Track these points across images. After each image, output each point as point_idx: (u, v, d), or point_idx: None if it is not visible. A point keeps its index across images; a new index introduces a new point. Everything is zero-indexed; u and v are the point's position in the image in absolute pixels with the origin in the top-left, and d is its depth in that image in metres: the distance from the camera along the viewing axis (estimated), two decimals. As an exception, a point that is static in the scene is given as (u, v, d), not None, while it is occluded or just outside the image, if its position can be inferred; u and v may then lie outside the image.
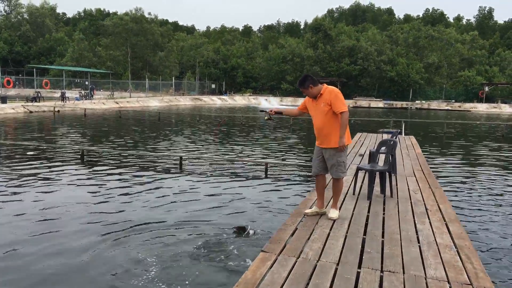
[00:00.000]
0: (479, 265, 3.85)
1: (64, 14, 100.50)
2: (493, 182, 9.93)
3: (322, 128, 4.95)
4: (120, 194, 7.81)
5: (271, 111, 5.32)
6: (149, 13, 70.43)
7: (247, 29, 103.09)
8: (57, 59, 72.93)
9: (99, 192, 7.97)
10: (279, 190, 8.51)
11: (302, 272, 3.57)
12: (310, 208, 5.32)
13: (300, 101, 57.24)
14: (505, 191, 8.98)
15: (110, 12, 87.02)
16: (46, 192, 7.83)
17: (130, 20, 64.36)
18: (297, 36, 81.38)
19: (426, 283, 3.44)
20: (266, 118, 5.39)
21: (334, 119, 4.87)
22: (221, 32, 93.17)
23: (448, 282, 3.48)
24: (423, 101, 58.90)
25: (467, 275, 3.61)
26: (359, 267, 3.73)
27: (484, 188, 9.21)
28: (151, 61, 67.46)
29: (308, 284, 3.36)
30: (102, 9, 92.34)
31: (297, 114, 5.45)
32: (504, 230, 6.34)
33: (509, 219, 6.93)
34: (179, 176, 9.61)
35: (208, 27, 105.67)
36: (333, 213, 5.06)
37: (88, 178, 9.07)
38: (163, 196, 7.75)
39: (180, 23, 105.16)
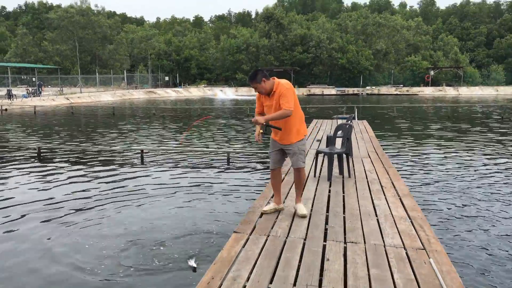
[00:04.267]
0: (431, 232, 4.27)
1: (3, 7, 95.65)
2: (439, 159, 10.66)
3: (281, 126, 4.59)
4: (82, 190, 7.76)
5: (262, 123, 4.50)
6: (96, 5, 68.95)
7: (198, 20, 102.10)
8: (-2, 55, 69.42)
9: (59, 189, 7.87)
10: (242, 178, 8.74)
11: (274, 248, 3.84)
12: (267, 205, 5.00)
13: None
14: (450, 166, 9.68)
15: (54, 4, 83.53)
16: (2, 191, 7.68)
17: (76, 12, 62.18)
18: (248, 26, 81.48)
19: (385, 250, 3.81)
20: (261, 131, 4.63)
21: (291, 116, 4.53)
22: (172, 23, 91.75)
23: (404, 248, 3.87)
24: (373, 87, 60.93)
25: (421, 242, 4.01)
26: (325, 240, 4.05)
27: (432, 165, 9.90)
28: (100, 54, 65.57)
29: (279, 258, 3.63)
30: (45, 1, 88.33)
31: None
32: (451, 201, 6.92)
33: (454, 191, 7.54)
34: (141, 170, 9.64)
35: (158, 18, 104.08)
36: (303, 209, 4.75)
37: (47, 176, 8.92)
38: (125, 190, 7.77)
39: (129, 14, 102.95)
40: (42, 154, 11.15)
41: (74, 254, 4.94)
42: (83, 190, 7.74)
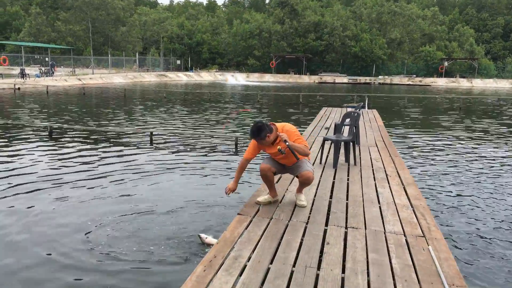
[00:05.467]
0: (432, 221, 4.32)
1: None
2: (447, 149, 10.63)
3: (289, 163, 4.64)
4: (90, 168, 7.90)
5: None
6: (110, -14, 68.13)
7: (212, 4, 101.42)
8: (12, 35, 69.82)
9: (70, 168, 8.03)
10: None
11: (276, 230, 3.93)
12: (262, 196, 4.84)
13: (266, 77, 57.48)
14: (458, 157, 9.66)
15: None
16: (14, 168, 7.84)
17: (90, -7, 62.16)
18: (262, 11, 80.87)
19: (385, 236, 3.87)
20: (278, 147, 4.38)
21: None
22: (185, 7, 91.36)
23: (404, 235, 3.93)
24: (386, 76, 60.35)
25: (421, 229, 4.07)
26: (326, 225, 4.13)
27: (440, 155, 9.89)
28: (113, 36, 65.68)
29: (281, 240, 3.72)
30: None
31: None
32: (455, 191, 6.95)
33: (460, 181, 7.56)
34: (150, 151, 9.76)
35: (171, 1, 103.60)
36: (303, 200, 4.66)
37: (58, 155, 9.09)
38: (132, 170, 7.91)
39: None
40: (53, 133, 11.33)
41: (77, 227, 5.09)
42: (91, 168, 7.89)
